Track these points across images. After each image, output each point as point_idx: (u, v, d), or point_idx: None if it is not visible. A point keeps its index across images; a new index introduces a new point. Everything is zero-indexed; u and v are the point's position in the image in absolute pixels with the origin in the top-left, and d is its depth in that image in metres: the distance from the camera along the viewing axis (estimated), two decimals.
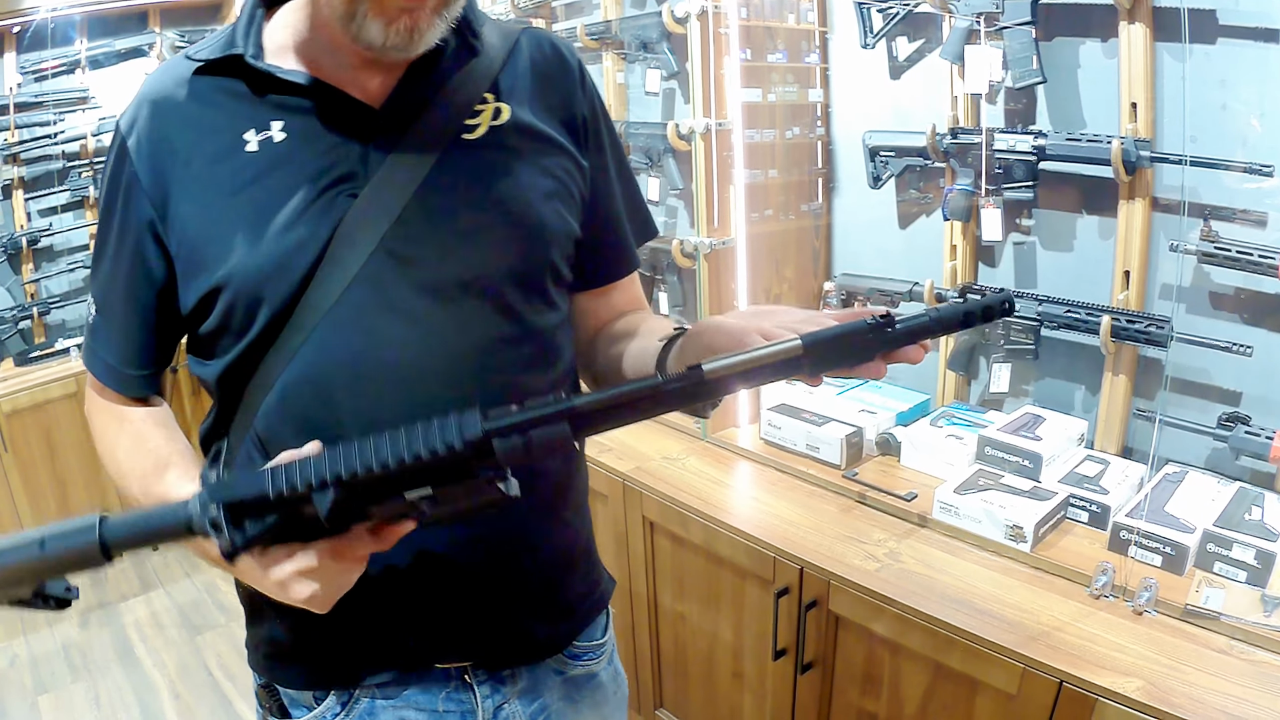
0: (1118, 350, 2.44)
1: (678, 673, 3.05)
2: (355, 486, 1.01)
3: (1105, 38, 2.39)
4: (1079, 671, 1.87)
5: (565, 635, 1.57)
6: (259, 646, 1.50)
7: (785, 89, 3.02)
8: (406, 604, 1.38)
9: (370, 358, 1.26)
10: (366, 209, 1.24)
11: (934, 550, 2.34)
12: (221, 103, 1.27)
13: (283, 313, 1.25)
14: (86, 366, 1.40)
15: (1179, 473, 2.36)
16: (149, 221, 1.27)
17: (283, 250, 1.23)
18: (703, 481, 2.83)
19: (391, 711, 1.46)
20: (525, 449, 0.98)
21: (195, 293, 1.26)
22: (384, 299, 1.26)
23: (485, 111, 1.34)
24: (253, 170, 1.24)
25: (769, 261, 3.05)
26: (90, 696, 4.12)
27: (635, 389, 1.00)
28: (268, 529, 1.04)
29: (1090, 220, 2.55)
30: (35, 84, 5.13)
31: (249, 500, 1.02)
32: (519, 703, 1.52)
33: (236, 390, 1.33)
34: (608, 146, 1.50)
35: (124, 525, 1.06)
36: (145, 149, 1.26)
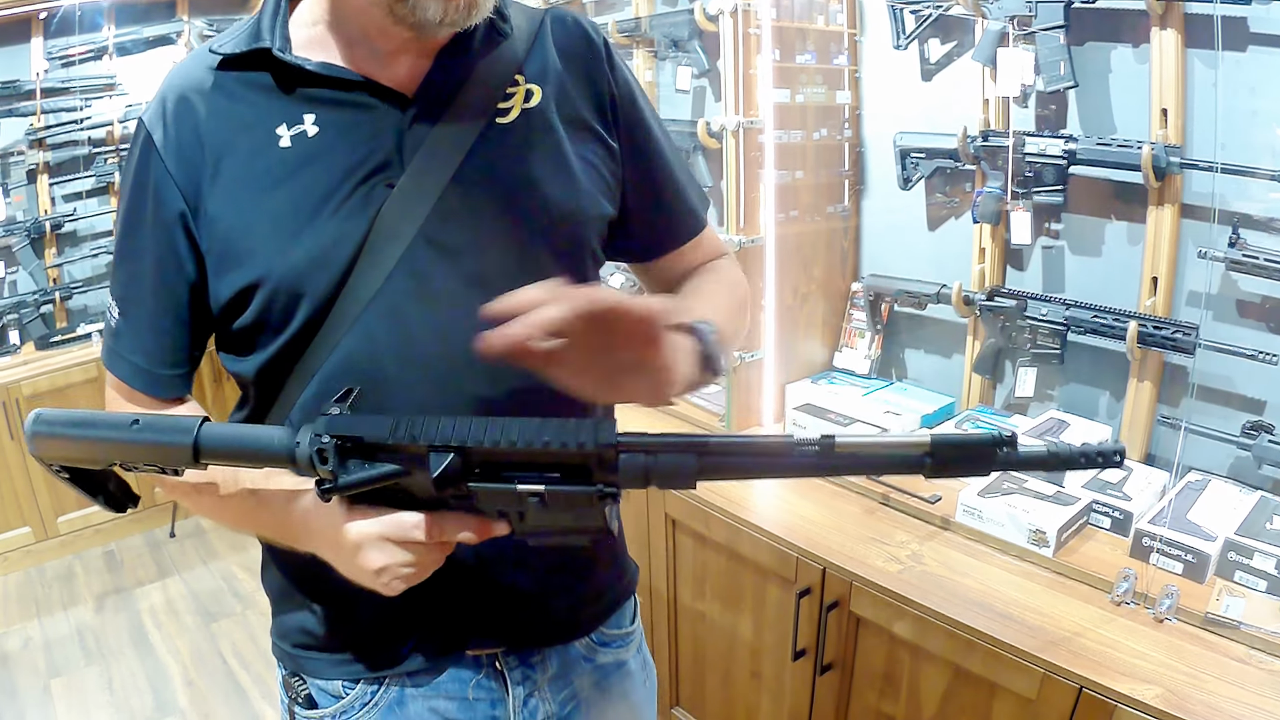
0: (1143, 356, 2.44)
1: (695, 671, 3.07)
2: (473, 459, 1.01)
3: (1136, 43, 2.39)
4: (1099, 678, 1.87)
5: (595, 618, 1.58)
6: (287, 635, 1.50)
7: (814, 90, 3.02)
8: (439, 590, 1.35)
9: (412, 348, 1.27)
10: (404, 199, 1.24)
11: (956, 553, 2.34)
12: (250, 97, 1.26)
13: (324, 307, 1.25)
14: (109, 369, 1.37)
15: (1201, 480, 2.36)
16: (180, 215, 1.26)
17: (322, 244, 1.23)
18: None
19: (421, 700, 1.46)
20: (646, 471, 0.98)
21: (229, 289, 1.26)
22: (425, 288, 1.26)
23: (517, 94, 1.34)
24: (287, 166, 1.24)
25: (797, 261, 3.05)
26: (103, 681, 4.14)
27: (766, 442, 1.00)
28: (372, 477, 1.03)
29: (1119, 225, 2.54)
30: (62, 70, 5.15)
31: (364, 440, 1.03)
32: (549, 689, 1.53)
33: (275, 384, 1.32)
34: (646, 119, 1.48)
35: (223, 436, 1.09)
36: (173, 143, 1.25)
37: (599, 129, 1.41)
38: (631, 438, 0.99)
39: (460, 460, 1.01)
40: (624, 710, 1.67)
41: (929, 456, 0.96)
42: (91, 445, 1.13)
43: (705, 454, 0.99)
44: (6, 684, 4.14)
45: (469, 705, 1.48)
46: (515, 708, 1.50)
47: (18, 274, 5.18)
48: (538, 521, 1.05)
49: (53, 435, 1.13)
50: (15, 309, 5.07)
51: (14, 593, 4.89)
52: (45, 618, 4.66)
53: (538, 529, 1.06)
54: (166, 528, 5.38)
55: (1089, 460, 0.94)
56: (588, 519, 1.03)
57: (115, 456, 1.12)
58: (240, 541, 5.16)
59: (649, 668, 1.76)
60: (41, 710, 3.96)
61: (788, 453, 0.99)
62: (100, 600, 4.79)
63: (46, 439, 1.14)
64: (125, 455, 1.11)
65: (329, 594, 1.33)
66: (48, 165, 5.17)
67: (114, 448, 1.12)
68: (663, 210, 1.52)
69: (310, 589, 1.43)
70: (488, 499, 1.04)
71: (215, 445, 1.09)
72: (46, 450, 1.14)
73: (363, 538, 1.10)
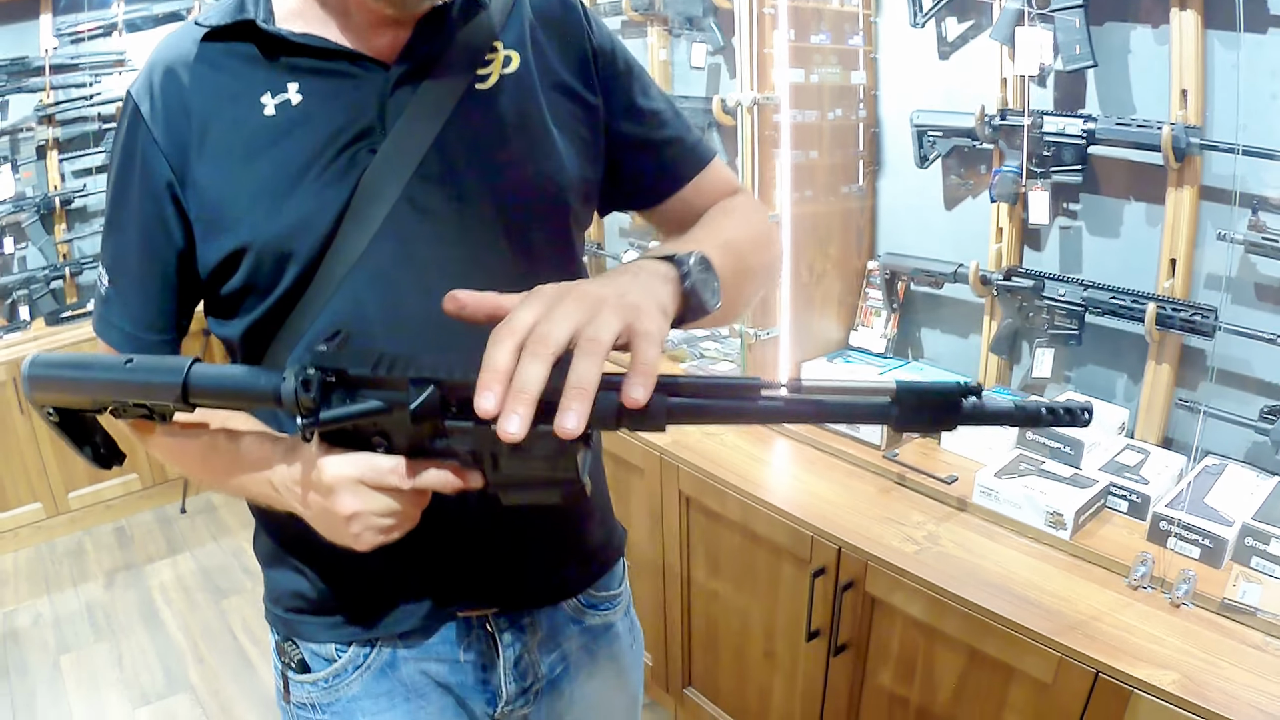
0: (1162, 339, 2.43)
1: (708, 651, 3.07)
2: (450, 396, 1.02)
3: (1156, 24, 2.37)
4: (1115, 662, 1.87)
5: (584, 580, 1.62)
6: (279, 600, 1.52)
7: (828, 70, 3.01)
8: (430, 551, 1.40)
9: (397, 308, 1.29)
10: (387, 163, 1.27)
11: (973, 535, 2.34)
12: (235, 67, 1.28)
13: (309, 269, 1.27)
14: (100, 336, 1.40)
15: (1218, 465, 2.36)
16: (167, 184, 1.28)
17: (307, 208, 1.25)
18: (741, 457, 2.84)
19: (413, 663, 1.50)
20: (618, 410, 0.98)
21: (217, 254, 1.28)
22: (408, 250, 1.29)
23: (495, 61, 1.36)
24: (272, 133, 1.26)
25: (813, 239, 3.04)
26: (113, 657, 4.16)
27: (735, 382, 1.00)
28: (353, 412, 1.04)
29: (1138, 206, 2.53)
30: (71, 46, 5.14)
31: (347, 373, 1.04)
32: (538, 651, 1.57)
33: (260, 347, 1.35)
34: (630, 69, 1.49)
35: (212, 375, 1.11)
36: (160, 114, 1.27)
37: (580, 90, 1.43)
38: (604, 376, 0.98)
39: (438, 395, 1.02)
40: (611, 672, 1.71)
41: (894, 405, 0.96)
42: (86, 386, 1.15)
43: (676, 393, 0.98)
44: (16, 661, 4.16)
45: (460, 667, 1.52)
46: (505, 669, 1.54)
47: (27, 250, 5.19)
48: (510, 470, 1.05)
49: (49, 378, 1.17)
50: (25, 285, 5.07)
51: (24, 569, 4.91)
52: (55, 594, 4.68)
53: (511, 480, 1.06)
54: (178, 504, 5.40)
55: (1055, 417, 0.93)
56: (560, 468, 1.03)
57: (109, 396, 1.14)
58: (251, 517, 5.13)
59: (636, 630, 1.79)
60: (51, 687, 3.97)
61: (755, 392, 0.98)
62: (110, 576, 4.81)
63: (42, 381, 1.17)
64: (118, 394, 1.13)
65: (319, 556, 1.35)
66: (57, 141, 5.16)
67: (108, 387, 1.13)
68: (659, 153, 1.52)
69: (301, 552, 1.46)
70: (463, 438, 1.04)
71: (204, 384, 1.10)
72: (42, 393, 1.17)
73: (337, 480, 1.09)
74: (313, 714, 1.53)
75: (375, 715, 1.50)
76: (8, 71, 4.95)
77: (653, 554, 3.10)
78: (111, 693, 3.92)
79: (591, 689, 1.67)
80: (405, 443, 1.09)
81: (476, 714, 1.57)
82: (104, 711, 3.81)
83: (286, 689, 1.55)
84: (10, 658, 4.19)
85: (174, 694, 3.89)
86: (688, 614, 3.09)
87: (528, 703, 1.60)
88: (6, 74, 4.95)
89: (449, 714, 1.54)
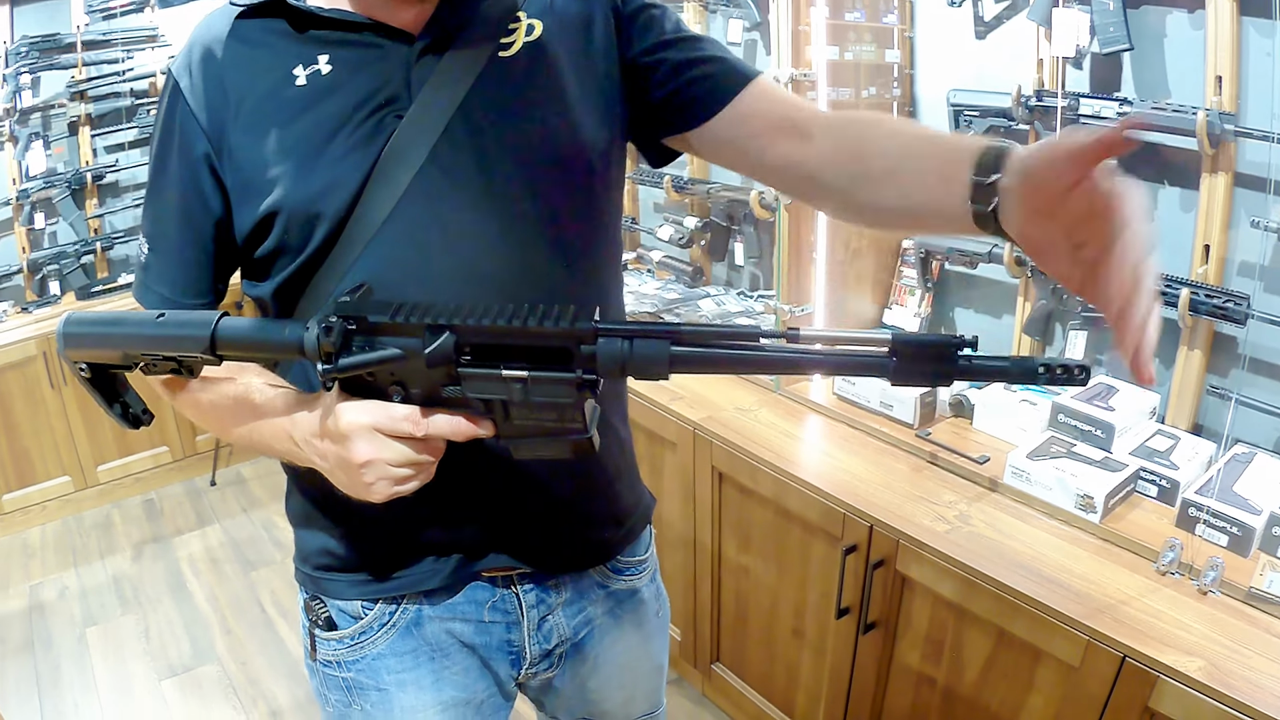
0: (1194, 325, 2.42)
1: (737, 627, 3.09)
2: (464, 342, 1.07)
3: (1192, 8, 2.36)
4: (1142, 647, 1.88)
5: (614, 544, 1.65)
6: (308, 559, 1.56)
7: (864, 48, 3.01)
8: (456, 510, 1.44)
9: (422, 269, 1.33)
10: (413, 128, 1.31)
11: (1004, 515, 2.35)
12: (268, 42, 1.34)
13: (338, 228, 1.31)
14: (139, 302, 1.44)
15: (1248, 453, 2.35)
16: (205, 155, 1.33)
17: (335, 171, 1.30)
18: (774, 433, 2.85)
19: (438, 622, 1.54)
20: (625, 358, 1.03)
21: (251, 218, 1.33)
22: (434, 212, 1.32)
23: (518, 30, 1.39)
24: (303, 101, 1.31)
25: None
26: (140, 629, 4.19)
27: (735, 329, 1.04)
28: (371, 359, 1.09)
29: (1172, 191, 2.52)
30: (103, 22, 5.15)
31: (367, 320, 1.09)
32: (563, 613, 1.61)
33: (290, 304, 1.40)
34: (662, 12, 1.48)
35: (239, 327, 1.18)
36: (199, 89, 1.33)
37: (601, 55, 1.45)
38: (609, 324, 1.04)
39: (453, 340, 1.07)
40: (636, 638, 1.74)
41: (892, 356, 0.98)
42: (119, 339, 1.23)
43: (679, 341, 1.03)
44: (42, 633, 4.19)
45: (485, 628, 1.56)
46: (529, 630, 1.58)
47: (58, 225, 5.21)
48: (521, 419, 1.10)
49: (83, 334, 1.24)
50: (55, 259, 5.09)
51: (51, 542, 4.94)
52: (82, 567, 4.71)
53: (521, 430, 1.12)
54: (207, 476, 5.41)
55: (1051, 374, 0.96)
56: (568, 419, 1.08)
57: (140, 349, 1.21)
58: (281, 489, 5.13)
59: (662, 597, 1.82)
60: (76, 659, 4.00)
61: (755, 340, 1.02)
62: (138, 549, 4.84)
63: (77, 337, 1.25)
64: (149, 346, 1.20)
65: (349, 513, 1.41)
66: (89, 117, 5.17)
67: (140, 340, 1.21)
68: (706, 68, 1.45)
69: (331, 509, 1.49)
70: (475, 384, 1.09)
71: (231, 336, 1.17)
72: (76, 349, 1.25)
73: (352, 426, 1.13)
74: (338, 671, 1.57)
75: (400, 673, 1.54)
76: (40, 48, 4.95)
77: (684, 529, 3.11)
78: (137, 664, 3.95)
79: (616, 654, 1.71)
80: (421, 392, 1.13)
81: (500, 676, 1.61)
82: (129, 682, 3.84)
83: (313, 647, 1.59)
84: (36, 630, 4.22)
85: (201, 665, 3.92)
86: (717, 589, 3.11)
87: (551, 665, 1.64)
88: (39, 50, 4.95)
89: (473, 674, 1.58)
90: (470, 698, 1.59)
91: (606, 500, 1.61)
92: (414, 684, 1.54)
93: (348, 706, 1.58)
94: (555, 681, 1.68)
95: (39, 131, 5.07)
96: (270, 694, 3.71)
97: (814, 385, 3.09)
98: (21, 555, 4.82)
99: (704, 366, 1.04)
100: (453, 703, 1.57)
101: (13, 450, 4.88)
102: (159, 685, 3.81)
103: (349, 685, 1.56)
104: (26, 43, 4.89)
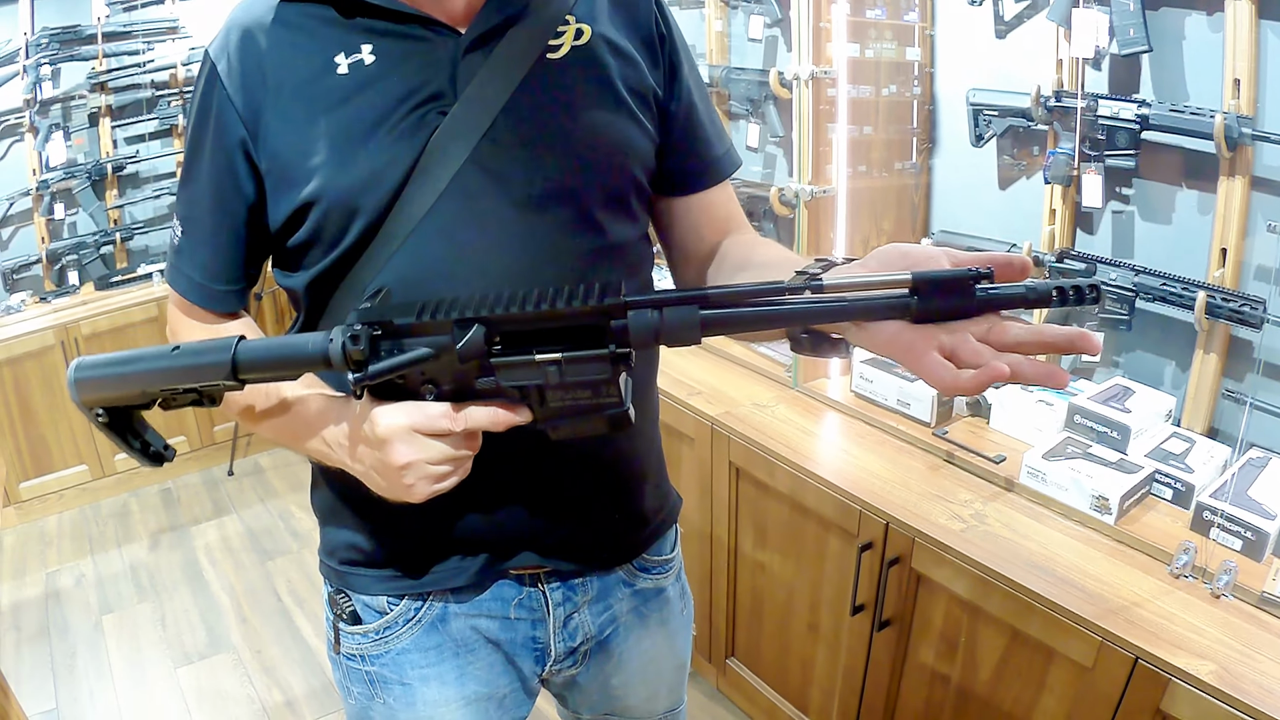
0: (1211, 328, 2.43)
1: (752, 622, 3.10)
2: (494, 332, 1.07)
3: (1211, 11, 2.36)
4: (1155, 649, 1.89)
5: (639, 543, 1.64)
6: (334, 552, 1.56)
7: (884, 46, 3.01)
8: (485, 508, 1.44)
9: (460, 267, 1.31)
10: (456, 125, 1.29)
11: (1019, 515, 2.36)
12: (311, 28, 1.31)
13: (375, 224, 1.30)
14: (170, 285, 1.45)
15: (1263, 458, 2.35)
16: (240, 140, 1.31)
17: (375, 165, 1.28)
18: (791, 430, 2.86)
19: (464, 618, 1.54)
20: (657, 327, 1.03)
21: (287, 207, 1.31)
22: (474, 210, 1.31)
23: (567, 32, 1.37)
24: (343, 91, 1.28)
25: (868, 214, 3.05)
26: (156, 617, 4.22)
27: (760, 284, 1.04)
28: (401, 362, 1.09)
29: (1190, 194, 2.52)
30: (124, 14, 5.17)
31: (393, 324, 1.09)
32: (588, 611, 1.60)
33: (323, 299, 1.39)
34: (685, 63, 1.52)
35: (259, 348, 1.15)
36: (236, 73, 1.30)
37: (646, 65, 1.45)
38: (637, 296, 1.04)
39: (482, 332, 1.07)
40: (660, 636, 1.74)
41: (913, 295, 0.99)
42: (135, 378, 1.18)
43: (707, 304, 1.04)
44: (58, 620, 4.23)
45: (510, 624, 1.56)
46: (555, 628, 1.58)
47: (77, 215, 5.24)
48: (558, 401, 1.10)
49: (96, 377, 1.18)
50: (75, 250, 5.14)
51: (69, 530, 4.98)
52: (99, 555, 4.75)
53: (558, 411, 1.12)
54: (225, 466, 5.45)
55: (1063, 296, 0.97)
56: (605, 394, 1.08)
57: (158, 385, 1.17)
58: (299, 480, 5.23)
59: (686, 596, 1.82)
60: (92, 646, 4.04)
61: (781, 295, 1.03)
62: (155, 537, 4.87)
63: (89, 383, 1.19)
64: (168, 381, 1.16)
65: (376, 509, 1.38)
66: (110, 108, 5.21)
67: (157, 375, 1.16)
68: (700, 146, 1.55)
69: (358, 505, 1.48)
70: (509, 373, 1.09)
71: (253, 359, 1.14)
72: (90, 394, 1.19)
73: (390, 430, 1.13)
74: (362, 665, 1.57)
75: (424, 668, 1.55)
76: (60, 39, 4.98)
77: (700, 523, 3.13)
78: (153, 652, 3.98)
79: (640, 651, 1.71)
80: (453, 387, 1.13)
81: (524, 672, 1.61)
82: (145, 670, 3.88)
83: (337, 640, 1.59)
84: (53, 617, 4.25)
85: (215, 653, 3.95)
86: (733, 584, 3.12)
87: (576, 663, 1.64)
88: (59, 42, 4.98)
89: (497, 670, 1.58)
90: (493, 693, 1.59)
91: (636, 499, 1.60)
92: (437, 679, 1.55)
93: (370, 700, 1.59)
94: (579, 678, 1.68)
95: (59, 122, 5.10)
96: (285, 683, 3.73)
97: (832, 383, 3.10)
98: (39, 543, 4.86)
99: (734, 326, 1.05)
100: (475, 698, 1.58)
101: (30, 439, 4.92)
102: (174, 673, 3.84)
103: (372, 679, 1.57)
104: (47, 34, 4.93)
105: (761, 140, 3.75)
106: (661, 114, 1.48)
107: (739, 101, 3.60)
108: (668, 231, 1.63)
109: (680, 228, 1.61)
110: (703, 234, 1.59)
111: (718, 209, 1.60)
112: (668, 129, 1.49)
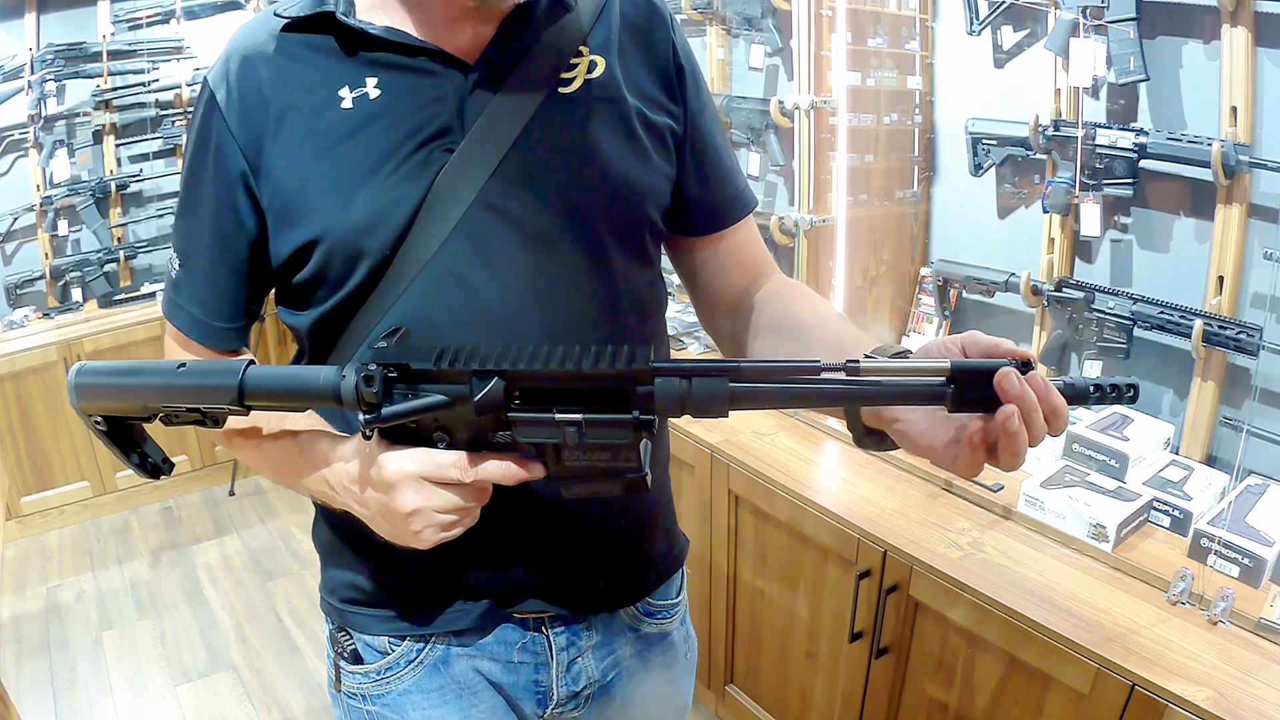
0: (1208, 356, 2.44)
1: (751, 649, 3.10)
2: (514, 386, 1.04)
3: (1207, 39, 2.38)
4: (1152, 676, 1.90)
5: (644, 587, 1.61)
6: (335, 590, 1.53)
7: (885, 74, 3.03)
8: (490, 553, 1.41)
9: (468, 310, 1.28)
10: (464, 163, 1.25)
11: (1016, 543, 2.36)
12: (313, 59, 1.27)
13: (381, 265, 1.26)
14: (168, 318, 1.40)
15: (1261, 485, 2.36)
16: (241, 173, 1.27)
17: (380, 204, 1.24)
18: (791, 458, 2.86)
19: (466, 660, 1.50)
20: (683, 396, 0.99)
21: (289, 245, 1.28)
22: (482, 252, 1.27)
23: (580, 65, 1.33)
24: (348, 126, 1.25)
25: (867, 243, 3.07)
26: (155, 635, 4.21)
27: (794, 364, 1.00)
28: (416, 407, 1.06)
29: (1187, 222, 2.54)
30: (129, 32, 5.19)
31: (409, 368, 1.06)
32: (592, 656, 1.56)
33: (329, 340, 1.35)
34: (704, 94, 1.48)
35: (268, 375, 1.12)
36: (236, 103, 1.26)
37: (663, 100, 1.41)
38: (666, 363, 1.00)
39: (502, 386, 1.03)
40: (664, 681, 1.70)
41: (949, 384, 0.97)
42: (137, 392, 1.16)
43: (738, 379, 1.00)
44: (58, 635, 4.22)
45: (513, 668, 1.53)
46: (559, 672, 1.55)
47: (81, 232, 5.25)
48: (574, 461, 1.06)
49: (97, 385, 1.17)
50: (78, 267, 5.13)
51: (69, 545, 4.96)
52: (100, 571, 4.74)
53: (574, 471, 1.08)
54: (226, 486, 5.43)
55: (1102, 394, 0.97)
56: (623, 458, 1.05)
57: (161, 401, 1.15)
58: (300, 502, 5.21)
59: (690, 640, 1.79)
60: (92, 662, 4.03)
61: (815, 375, 0.99)
62: (156, 555, 4.86)
63: (89, 390, 1.17)
64: (171, 399, 1.14)
65: (378, 550, 1.34)
66: (114, 126, 5.21)
67: (160, 392, 1.14)
68: (717, 184, 1.51)
69: (360, 544, 1.46)
70: (526, 429, 1.05)
71: (260, 386, 1.11)
72: (90, 401, 1.18)
73: (398, 476, 1.11)
74: (363, 704, 1.54)
75: (426, 710, 1.51)
76: (66, 56, 4.99)
77: (700, 550, 3.13)
78: (153, 669, 3.97)
79: (642, 696, 1.67)
80: (466, 436, 1.10)
81: (526, 715, 1.57)
82: (144, 687, 3.87)
83: (338, 678, 1.56)
84: (53, 631, 4.25)
85: (215, 672, 3.94)
86: (733, 611, 3.12)
87: (578, 706, 1.60)
88: (64, 59, 4.99)
89: (499, 713, 1.55)
90: None
91: (645, 544, 1.58)
92: None
93: None
94: None
95: (63, 139, 5.11)
96: (285, 702, 3.73)
97: None
98: (39, 557, 4.85)
99: (764, 402, 1.02)
100: None
101: (32, 453, 4.92)
102: (174, 690, 3.83)
103: (373, 718, 1.54)
104: (53, 50, 4.94)
105: (762, 169, 3.77)
106: (678, 149, 1.44)
107: (740, 130, 3.61)
108: (694, 276, 1.59)
109: (706, 272, 1.57)
110: (729, 278, 1.56)
111: (743, 251, 1.56)
112: (684, 164, 1.45)
